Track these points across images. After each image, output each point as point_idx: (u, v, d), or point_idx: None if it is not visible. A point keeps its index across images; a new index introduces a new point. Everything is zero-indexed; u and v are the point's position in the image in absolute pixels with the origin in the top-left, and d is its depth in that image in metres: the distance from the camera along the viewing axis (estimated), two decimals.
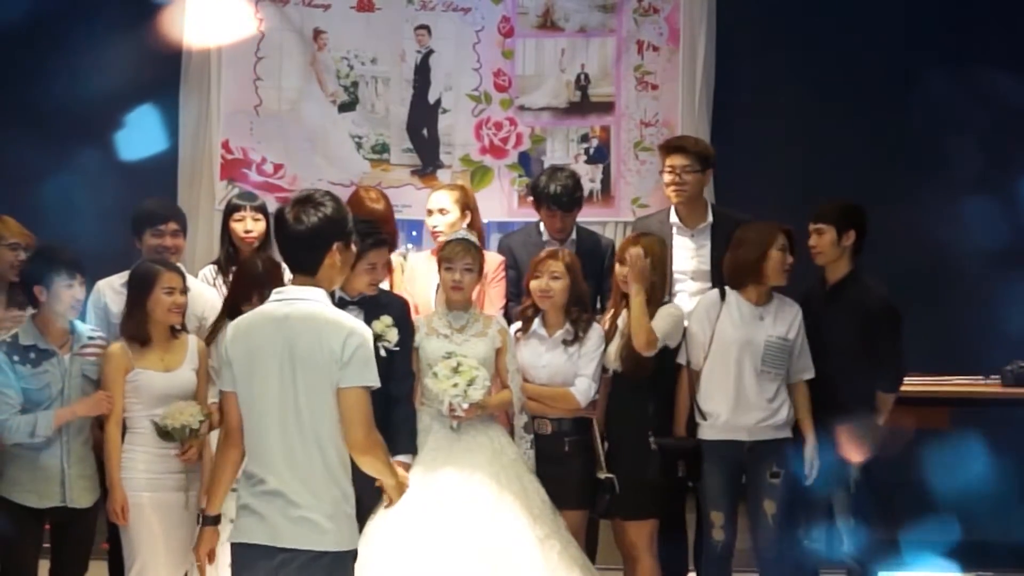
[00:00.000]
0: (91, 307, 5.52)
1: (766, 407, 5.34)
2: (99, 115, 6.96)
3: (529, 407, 5.33)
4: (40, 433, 4.98)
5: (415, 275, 5.87)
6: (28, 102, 7.16)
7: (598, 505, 5.31)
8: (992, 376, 6.63)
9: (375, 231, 5.17)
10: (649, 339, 5.28)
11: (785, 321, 5.39)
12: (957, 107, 6.74)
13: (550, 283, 5.35)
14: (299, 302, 3.91)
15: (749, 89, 7.23)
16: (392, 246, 5.61)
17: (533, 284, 5.39)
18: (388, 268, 5.52)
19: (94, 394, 5.06)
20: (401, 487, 4.31)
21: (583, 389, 5.32)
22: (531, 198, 6.02)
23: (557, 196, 5.79)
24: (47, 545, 5.20)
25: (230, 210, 5.86)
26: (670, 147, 5.93)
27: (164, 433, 5.07)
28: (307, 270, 3.93)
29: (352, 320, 3.94)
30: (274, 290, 4.02)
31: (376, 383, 3.91)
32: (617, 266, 5.46)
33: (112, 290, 5.56)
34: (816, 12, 7.14)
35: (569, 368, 5.33)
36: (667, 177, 5.85)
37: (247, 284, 5.28)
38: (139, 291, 5.14)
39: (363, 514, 5.17)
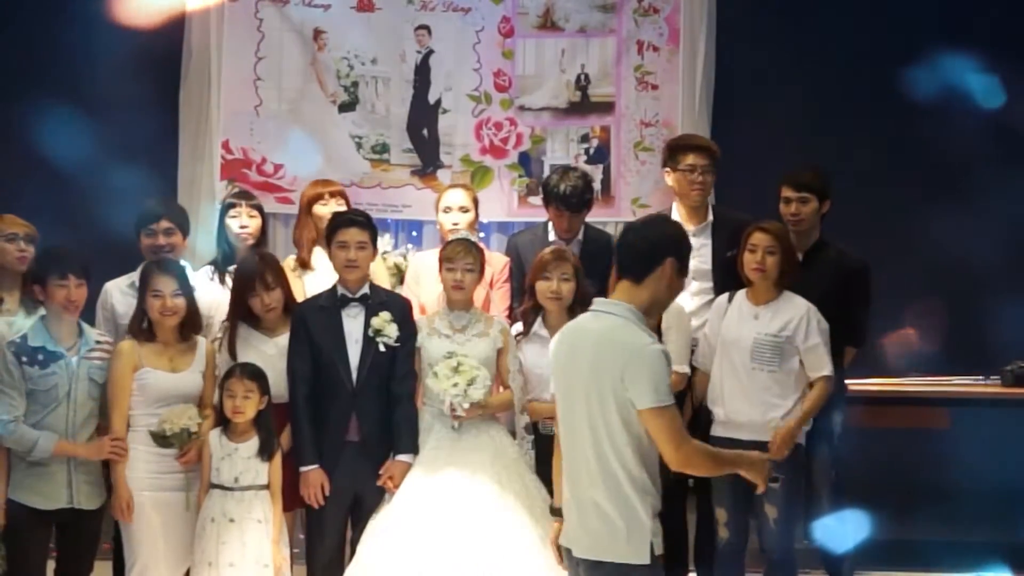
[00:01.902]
0: (99, 308, 5.55)
1: (761, 404, 5.33)
2: (99, 116, 6.94)
3: (534, 411, 5.33)
4: (37, 454, 4.98)
5: (421, 274, 5.85)
6: (25, 103, 7.13)
7: None
8: (992, 376, 6.64)
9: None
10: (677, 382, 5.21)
11: (782, 319, 5.37)
12: (957, 108, 6.74)
13: (561, 285, 5.35)
14: (605, 315, 4.02)
15: (749, 89, 7.22)
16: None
17: (543, 285, 5.37)
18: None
19: (99, 441, 5.07)
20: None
21: None
22: (541, 196, 6.00)
23: (566, 197, 5.77)
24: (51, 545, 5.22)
25: (225, 208, 5.85)
26: (691, 146, 5.95)
27: (163, 439, 5.07)
28: (633, 276, 4.01)
29: (642, 339, 3.93)
30: (594, 300, 4.14)
31: (668, 400, 3.88)
32: None
33: (119, 291, 5.57)
34: (816, 12, 7.13)
35: None
36: (689, 176, 5.86)
37: (246, 280, 5.30)
38: (140, 292, 5.21)
39: (364, 514, 5.19)
